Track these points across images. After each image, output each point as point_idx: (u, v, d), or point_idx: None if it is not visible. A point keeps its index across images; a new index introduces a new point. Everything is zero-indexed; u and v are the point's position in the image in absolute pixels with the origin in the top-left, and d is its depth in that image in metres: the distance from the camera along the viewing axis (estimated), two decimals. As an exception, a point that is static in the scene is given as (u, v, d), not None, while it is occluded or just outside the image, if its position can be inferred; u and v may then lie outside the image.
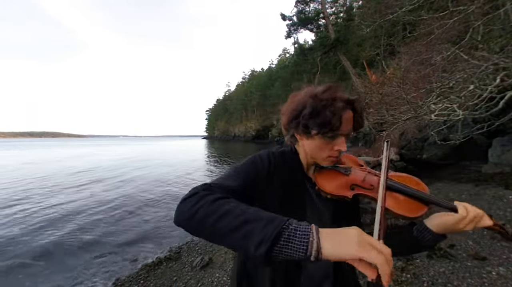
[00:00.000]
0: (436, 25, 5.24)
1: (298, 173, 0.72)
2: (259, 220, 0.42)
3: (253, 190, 0.62)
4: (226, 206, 0.46)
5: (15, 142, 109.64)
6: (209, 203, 0.47)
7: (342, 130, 0.63)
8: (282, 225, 0.41)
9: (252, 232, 0.41)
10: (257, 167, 0.66)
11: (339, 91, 0.65)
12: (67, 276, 3.18)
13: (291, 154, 0.74)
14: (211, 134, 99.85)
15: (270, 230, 0.40)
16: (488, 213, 0.67)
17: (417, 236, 0.67)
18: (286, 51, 52.48)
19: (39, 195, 7.30)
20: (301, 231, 0.40)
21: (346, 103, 0.63)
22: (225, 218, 0.44)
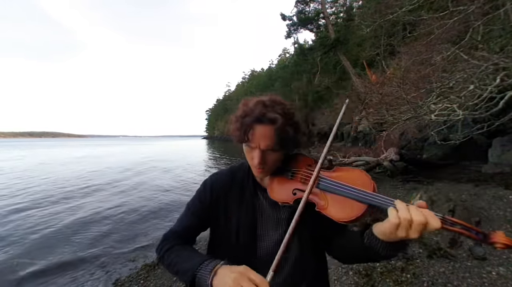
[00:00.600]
0: (436, 25, 5.24)
1: (248, 184, 0.75)
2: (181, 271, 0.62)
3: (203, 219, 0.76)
4: (169, 258, 0.67)
5: (16, 142, 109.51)
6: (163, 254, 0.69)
7: (254, 144, 0.65)
8: (193, 273, 0.58)
9: (182, 278, 0.61)
10: (200, 200, 0.76)
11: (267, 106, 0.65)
12: (67, 276, 3.18)
13: (244, 168, 0.78)
14: (211, 134, 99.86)
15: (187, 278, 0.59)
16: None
17: (369, 245, 0.59)
18: (286, 51, 52.53)
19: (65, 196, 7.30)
20: (204, 275, 0.56)
21: (257, 119, 0.63)
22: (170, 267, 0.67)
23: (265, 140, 0.64)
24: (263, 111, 0.64)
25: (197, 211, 0.75)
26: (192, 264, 0.59)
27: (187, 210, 0.77)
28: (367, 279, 2.33)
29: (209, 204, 0.75)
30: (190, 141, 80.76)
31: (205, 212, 0.75)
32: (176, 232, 0.74)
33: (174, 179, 9.97)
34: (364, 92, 11.46)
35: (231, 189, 0.76)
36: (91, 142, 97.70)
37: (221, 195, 0.75)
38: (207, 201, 0.75)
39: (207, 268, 0.57)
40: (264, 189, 0.74)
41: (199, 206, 0.76)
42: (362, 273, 2.43)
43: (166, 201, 6.70)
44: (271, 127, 0.63)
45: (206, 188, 0.77)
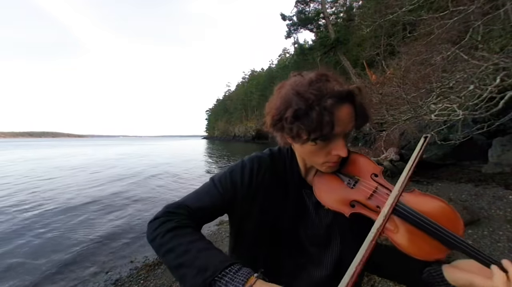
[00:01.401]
0: (436, 25, 5.24)
1: (292, 178, 0.63)
2: (192, 267, 0.42)
3: (228, 205, 0.60)
4: (173, 241, 0.47)
5: (18, 142, 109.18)
6: (163, 233, 0.49)
7: (338, 132, 0.50)
8: (214, 276, 0.40)
9: (185, 277, 0.42)
10: (234, 183, 0.60)
11: (331, 82, 0.51)
12: (67, 276, 3.18)
13: (285, 157, 0.64)
14: (211, 134, 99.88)
15: (199, 280, 0.40)
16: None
17: (427, 281, 0.52)
18: (286, 51, 52.50)
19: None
20: (229, 283, 0.39)
21: (338, 98, 0.48)
22: (169, 254, 0.46)
23: (350, 123, 0.52)
24: (339, 88, 0.49)
25: (227, 194, 0.59)
26: (211, 264, 0.43)
27: (212, 188, 0.60)
28: (367, 279, 2.33)
29: (245, 191, 0.60)
30: (190, 141, 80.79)
31: (235, 198, 0.60)
32: (189, 209, 0.56)
33: (177, 179, 9.98)
34: (364, 92, 11.44)
35: (273, 179, 0.62)
36: (95, 142, 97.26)
37: (260, 186, 0.61)
38: (243, 187, 0.60)
39: (237, 276, 0.40)
40: (308, 186, 0.63)
41: (230, 189, 0.60)
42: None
43: (168, 199, 6.71)
44: (350, 106, 0.51)
45: (244, 171, 0.61)
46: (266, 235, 0.60)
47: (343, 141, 0.53)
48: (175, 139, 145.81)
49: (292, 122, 0.50)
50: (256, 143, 41.66)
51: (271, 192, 0.61)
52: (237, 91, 68.35)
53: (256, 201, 0.60)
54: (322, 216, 0.62)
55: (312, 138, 0.50)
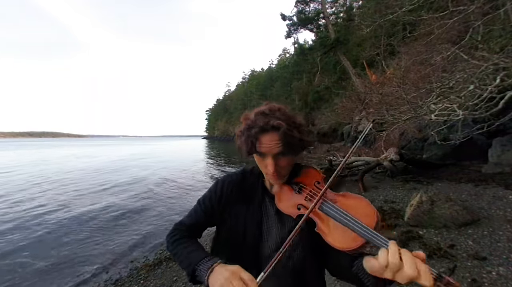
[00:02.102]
0: (436, 25, 5.24)
1: (257, 189, 0.79)
2: (185, 262, 0.67)
3: (212, 217, 0.80)
4: (176, 249, 0.72)
5: (19, 142, 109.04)
6: (171, 243, 0.75)
7: (264, 151, 0.67)
8: (194, 266, 0.63)
9: (185, 269, 0.67)
10: (211, 199, 0.80)
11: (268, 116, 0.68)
12: (68, 276, 3.19)
13: (256, 173, 0.82)
14: (211, 134, 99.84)
15: (189, 269, 0.64)
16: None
17: (357, 273, 0.60)
18: (286, 51, 52.52)
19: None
20: (203, 270, 0.60)
21: (261, 129, 0.66)
22: (175, 256, 0.72)
23: (273, 147, 0.66)
24: (265, 120, 0.67)
25: (207, 209, 0.79)
26: (193, 259, 0.65)
27: (198, 206, 0.82)
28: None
29: (218, 203, 0.79)
30: (190, 141, 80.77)
31: (214, 210, 0.79)
32: (186, 225, 0.79)
33: (177, 178, 9.99)
34: (364, 92, 11.47)
35: (241, 191, 0.79)
36: (97, 142, 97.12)
37: (231, 196, 0.79)
38: (217, 200, 0.79)
39: (205, 264, 0.61)
40: (272, 196, 0.77)
41: (209, 204, 0.79)
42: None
43: (168, 201, 6.71)
44: (276, 134, 0.65)
45: (217, 188, 0.81)
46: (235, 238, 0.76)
47: (270, 159, 0.67)
48: (175, 139, 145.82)
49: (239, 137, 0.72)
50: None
51: (239, 199, 0.78)
52: (237, 91, 68.35)
53: (227, 210, 0.78)
54: (284, 222, 0.74)
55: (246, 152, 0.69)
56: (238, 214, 0.77)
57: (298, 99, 27.51)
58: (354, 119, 13.00)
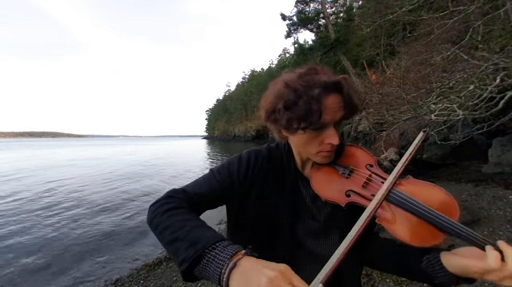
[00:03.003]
0: (436, 25, 5.24)
1: (289, 170, 0.65)
2: (186, 240, 0.43)
3: (226, 194, 0.62)
4: (170, 219, 0.48)
5: (20, 142, 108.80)
6: (161, 213, 0.50)
7: (327, 120, 0.52)
8: (204, 249, 0.41)
9: (178, 250, 0.43)
10: (231, 173, 0.62)
11: (320, 74, 0.54)
12: (68, 276, 3.18)
13: (282, 151, 0.67)
14: (211, 134, 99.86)
15: (191, 252, 0.41)
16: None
17: (426, 270, 0.51)
18: (286, 51, 52.48)
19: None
20: (219, 259, 0.39)
21: (325, 88, 0.51)
22: (165, 231, 0.47)
23: (338, 112, 0.54)
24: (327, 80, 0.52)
25: (224, 183, 0.61)
26: (204, 236, 0.43)
27: (211, 176, 0.63)
28: (367, 279, 2.33)
29: (242, 180, 0.62)
30: (191, 141, 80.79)
31: (232, 187, 0.62)
32: (187, 194, 0.57)
33: (177, 178, 9.99)
34: (364, 92, 11.46)
35: (270, 171, 0.64)
36: (100, 142, 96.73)
37: (257, 176, 0.63)
38: (240, 177, 0.62)
39: (225, 250, 0.40)
40: (305, 179, 0.64)
41: (227, 178, 0.62)
42: (362, 273, 2.42)
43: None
44: (338, 95, 0.54)
45: (241, 163, 0.64)
46: (262, 225, 0.62)
47: (334, 129, 0.55)
48: (175, 139, 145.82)
49: (283, 112, 0.53)
50: (256, 143, 41.69)
51: (268, 183, 0.63)
52: (237, 91, 68.33)
53: (252, 191, 0.62)
54: (320, 208, 0.62)
55: (302, 127, 0.53)
56: (267, 200, 0.62)
57: (298, 99, 27.49)
58: (354, 119, 12.98)
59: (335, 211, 0.61)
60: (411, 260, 0.55)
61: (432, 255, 0.52)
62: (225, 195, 0.62)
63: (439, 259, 0.50)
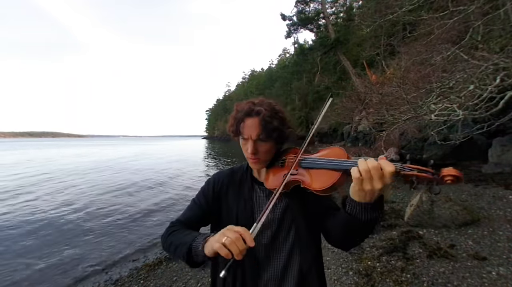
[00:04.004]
0: (436, 25, 5.24)
1: (246, 180, 0.85)
2: (181, 244, 0.67)
3: (206, 212, 0.83)
4: (171, 239, 0.74)
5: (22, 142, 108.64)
6: (165, 237, 0.76)
7: (245, 135, 0.75)
8: (190, 243, 0.64)
9: (179, 253, 0.68)
10: (204, 195, 0.86)
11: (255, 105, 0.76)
12: (67, 276, 3.19)
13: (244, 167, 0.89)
14: (211, 134, 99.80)
15: (185, 248, 0.65)
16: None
17: (350, 213, 0.63)
18: (286, 51, 52.47)
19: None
20: (197, 243, 0.63)
21: (246, 113, 0.75)
22: (171, 246, 0.73)
23: (253, 130, 0.74)
24: (251, 107, 0.76)
25: (201, 204, 0.84)
26: (188, 239, 0.67)
27: (192, 203, 0.87)
28: (367, 279, 2.33)
29: (211, 198, 0.84)
30: (191, 141, 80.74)
31: (208, 205, 0.83)
32: (180, 221, 0.82)
33: (177, 178, 9.99)
34: (364, 92, 11.46)
35: (231, 185, 0.86)
36: (102, 142, 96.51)
37: (222, 191, 0.85)
38: (209, 195, 0.84)
39: (200, 238, 0.64)
40: (261, 183, 0.82)
41: (202, 200, 0.85)
42: (362, 273, 2.43)
43: (169, 199, 6.71)
44: (257, 119, 0.74)
45: (209, 185, 0.87)
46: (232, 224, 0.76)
47: (251, 142, 0.75)
48: (176, 139, 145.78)
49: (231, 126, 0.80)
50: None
51: (230, 192, 0.84)
52: (237, 91, 68.35)
53: (222, 203, 0.84)
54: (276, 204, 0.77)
55: (233, 135, 0.80)
56: (231, 205, 0.82)
57: (298, 99, 27.51)
58: (354, 119, 12.98)
59: (289, 203, 0.79)
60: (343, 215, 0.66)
61: (347, 199, 0.65)
62: (206, 211, 0.83)
63: (349, 196, 0.63)
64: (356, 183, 0.56)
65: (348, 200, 0.63)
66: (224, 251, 0.52)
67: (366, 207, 0.59)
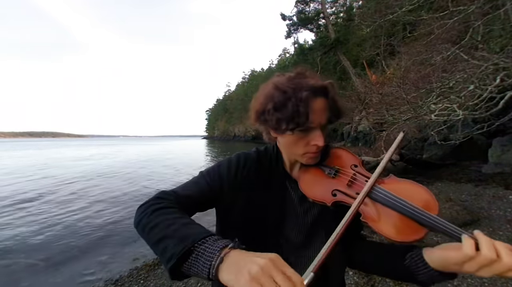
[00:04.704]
0: (436, 25, 5.24)
1: (277, 174, 0.66)
2: (174, 237, 0.43)
3: (215, 196, 0.62)
4: (159, 218, 0.47)
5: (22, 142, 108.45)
6: (149, 213, 0.49)
7: (313, 122, 0.54)
8: (194, 243, 0.40)
9: (166, 247, 0.42)
10: (221, 175, 0.64)
11: (307, 77, 0.56)
12: (67, 276, 3.18)
13: (271, 154, 0.68)
14: (211, 134, 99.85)
15: (179, 248, 0.40)
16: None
17: (410, 266, 0.52)
18: (286, 51, 52.43)
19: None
20: (208, 252, 0.39)
21: (312, 91, 0.54)
22: (153, 230, 0.46)
23: (323, 115, 0.56)
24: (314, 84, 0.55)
25: (214, 185, 0.63)
26: (193, 232, 0.43)
27: (201, 179, 0.64)
28: (367, 279, 2.33)
29: (231, 182, 0.63)
30: (191, 141, 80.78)
31: (221, 189, 0.63)
32: (177, 195, 0.58)
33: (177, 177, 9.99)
34: (364, 92, 11.46)
35: (259, 173, 0.66)
36: (103, 142, 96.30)
37: (246, 178, 0.64)
38: (229, 179, 0.63)
39: (215, 244, 0.40)
40: (293, 180, 0.65)
41: (217, 180, 0.63)
42: (362, 273, 2.43)
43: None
44: (324, 99, 0.56)
45: (231, 165, 0.65)
46: (250, 227, 0.62)
47: (320, 131, 0.57)
48: (176, 139, 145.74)
49: (273, 113, 0.55)
50: (255, 143, 41.69)
51: (256, 185, 0.64)
52: (237, 91, 68.29)
53: (241, 193, 0.63)
54: (308, 209, 0.64)
55: (290, 127, 0.55)
56: (255, 200, 0.63)
57: (298, 99, 27.47)
58: (354, 119, 12.98)
59: (322, 212, 0.63)
60: (396, 259, 0.56)
61: (415, 252, 0.53)
62: (215, 197, 0.63)
63: (421, 255, 0.51)
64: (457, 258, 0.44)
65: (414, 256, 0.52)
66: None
67: (436, 275, 0.49)
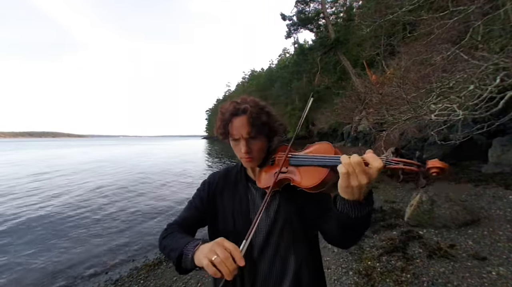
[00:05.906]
0: (436, 25, 5.24)
1: (242, 179, 0.85)
2: (173, 249, 0.67)
3: (202, 213, 0.84)
4: (165, 242, 0.74)
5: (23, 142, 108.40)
6: (161, 240, 0.76)
7: (235, 135, 0.75)
8: (182, 249, 0.64)
9: (171, 256, 0.67)
10: (199, 196, 0.87)
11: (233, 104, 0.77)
12: (68, 276, 3.19)
13: (238, 166, 0.90)
14: (211, 134, 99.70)
15: (176, 254, 0.64)
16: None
17: (342, 211, 0.60)
18: (286, 51, 52.39)
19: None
20: (188, 250, 0.62)
21: (233, 112, 0.75)
22: (165, 250, 0.72)
23: (243, 129, 0.75)
24: (236, 106, 0.76)
25: (197, 205, 0.85)
26: (181, 243, 0.66)
27: (188, 205, 0.88)
28: (367, 279, 2.33)
29: (207, 198, 0.85)
30: (192, 141, 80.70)
31: (203, 206, 0.85)
32: (177, 222, 0.83)
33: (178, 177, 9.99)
34: (364, 92, 11.46)
35: (226, 185, 0.86)
36: (104, 142, 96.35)
37: (217, 191, 0.86)
38: (205, 196, 0.85)
39: (192, 244, 0.63)
40: (255, 182, 0.82)
41: (198, 200, 0.86)
42: (362, 273, 2.43)
43: (169, 200, 6.71)
44: (245, 117, 0.75)
45: (204, 186, 0.89)
46: (227, 228, 0.80)
47: (244, 141, 0.75)
48: (176, 139, 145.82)
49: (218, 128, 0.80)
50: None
51: (226, 190, 0.85)
52: (237, 91, 68.20)
53: (216, 202, 0.84)
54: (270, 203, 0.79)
55: (223, 138, 0.80)
56: (226, 205, 0.82)
57: (298, 99, 27.50)
58: (354, 119, 12.97)
59: (281, 202, 0.78)
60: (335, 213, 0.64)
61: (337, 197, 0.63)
62: (202, 212, 0.84)
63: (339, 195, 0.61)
64: (342, 179, 0.55)
65: (338, 198, 0.62)
66: (212, 270, 0.51)
67: (355, 204, 0.58)
